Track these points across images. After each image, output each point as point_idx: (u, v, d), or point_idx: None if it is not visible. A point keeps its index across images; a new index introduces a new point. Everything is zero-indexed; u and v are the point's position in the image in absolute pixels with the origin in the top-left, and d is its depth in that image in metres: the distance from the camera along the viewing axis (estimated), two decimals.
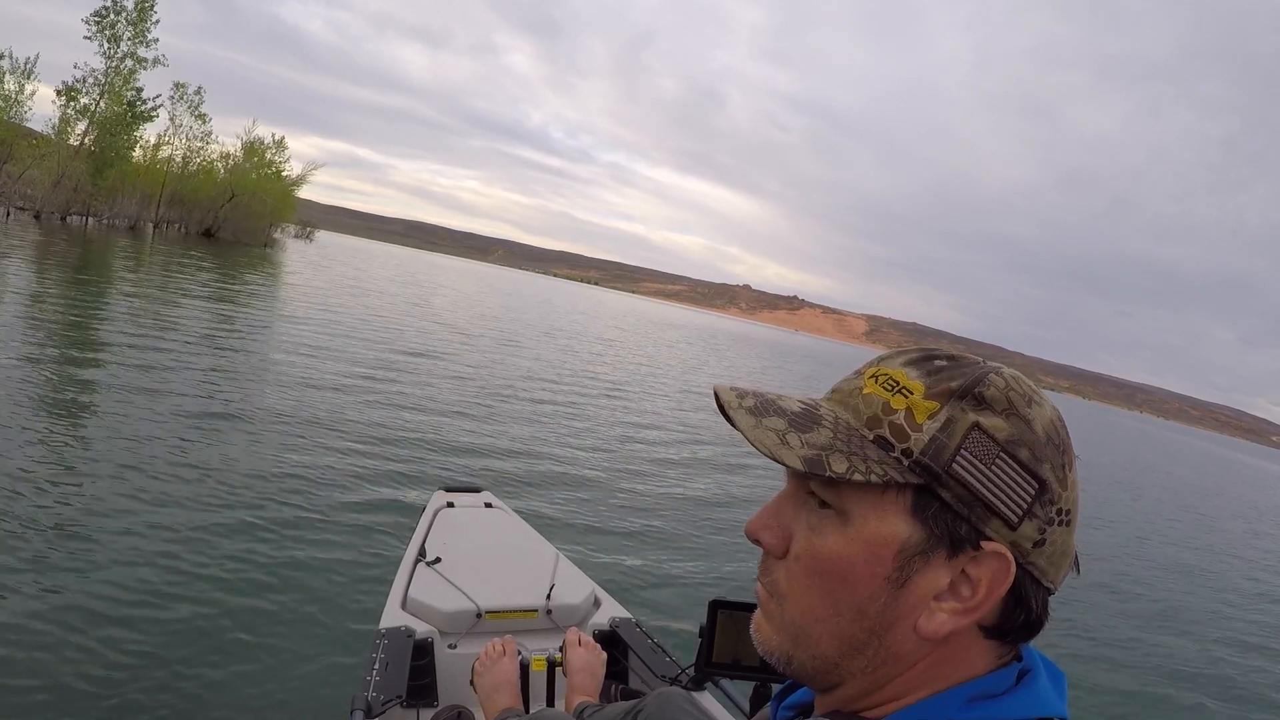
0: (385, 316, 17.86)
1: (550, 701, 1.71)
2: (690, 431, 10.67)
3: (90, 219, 36.19)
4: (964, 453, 0.47)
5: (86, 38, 32.26)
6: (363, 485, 5.24)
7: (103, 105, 33.34)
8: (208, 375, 7.71)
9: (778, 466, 0.49)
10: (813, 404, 0.53)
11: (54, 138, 32.62)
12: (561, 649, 1.66)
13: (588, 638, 1.69)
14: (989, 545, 0.47)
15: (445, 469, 6.11)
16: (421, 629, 1.98)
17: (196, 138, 42.97)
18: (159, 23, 33.65)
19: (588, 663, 1.59)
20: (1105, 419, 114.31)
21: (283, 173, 50.50)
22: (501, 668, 1.53)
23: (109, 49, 32.81)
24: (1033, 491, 0.47)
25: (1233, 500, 21.05)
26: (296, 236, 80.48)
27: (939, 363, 0.51)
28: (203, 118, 42.56)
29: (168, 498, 4.32)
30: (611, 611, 2.23)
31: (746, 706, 1.46)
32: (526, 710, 1.54)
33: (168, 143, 41.65)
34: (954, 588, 0.48)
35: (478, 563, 2.31)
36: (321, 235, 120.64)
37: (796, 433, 0.50)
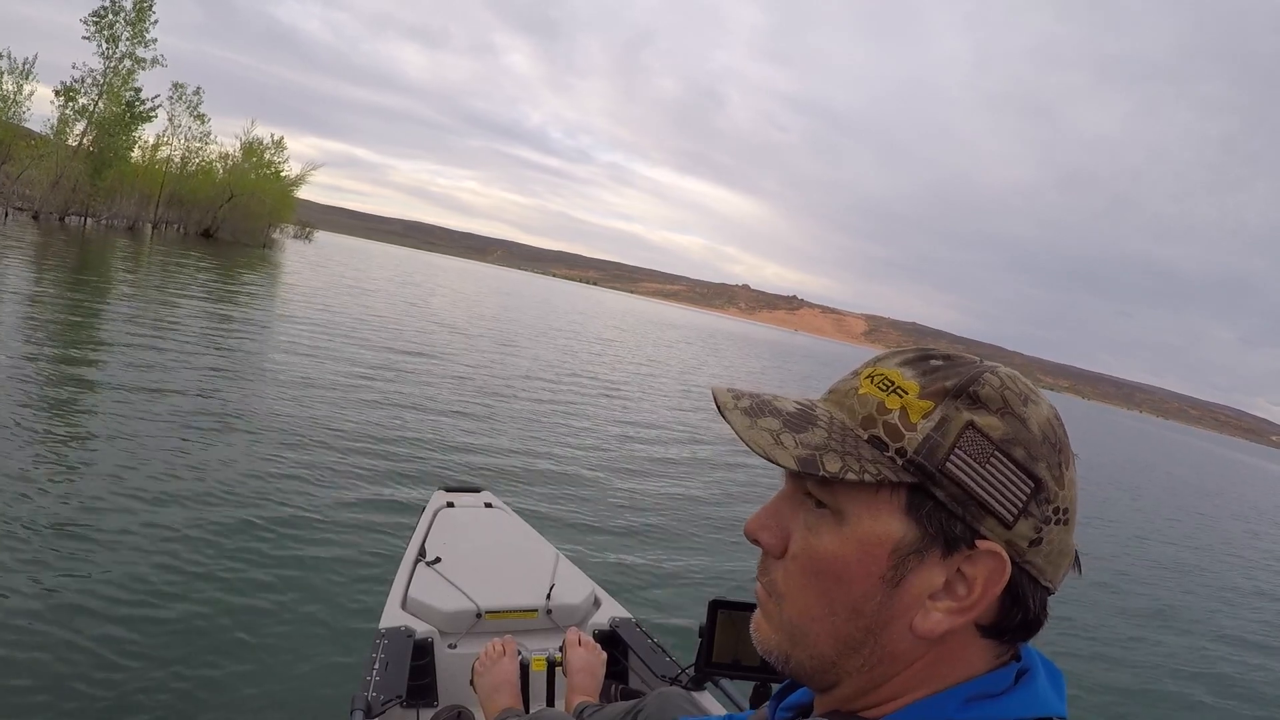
0: (384, 316, 17.85)
1: (550, 701, 1.71)
2: (689, 431, 10.67)
3: (89, 219, 36.17)
4: (958, 451, 0.47)
5: (85, 38, 32.33)
6: (363, 485, 5.24)
7: (101, 105, 33.35)
8: (207, 375, 7.70)
9: (777, 467, 0.50)
10: (809, 405, 0.53)
11: (52, 138, 32.61)
12: (561, 649, 1.66)
13: (588, 638, 1.69)
14: (984, 544, 0.47)
15: (445, 469, 6.10)
16: (421, 629, 1.98)
17: (195, 138, 43.10)
18: (157, 23, 33.75)
19: (588, 663, 1.59)
20: (1105, 419, 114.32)
21: (281, 173, 50.56)
22: (501, 668, 1.53)
23: (107, 49, 32.87)
24: (1028, 490, 0.47)
25: (1232, 500, 21.05)
26: (295, 237, 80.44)
27: (935, 362, 0.51)
28: (201, 118, 42.65)
29: (167, 497, 4.32)
30: (611, 611, 2.22)
31: (747, 706, 1.46)
32: (526, 710, 1.54)
33: (166, 143, 41.77)
34: (949, 587, 0.48)
35: (477, 563, 2.31)
36: (320, 235, 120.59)
37: (791, 433, 0.50)
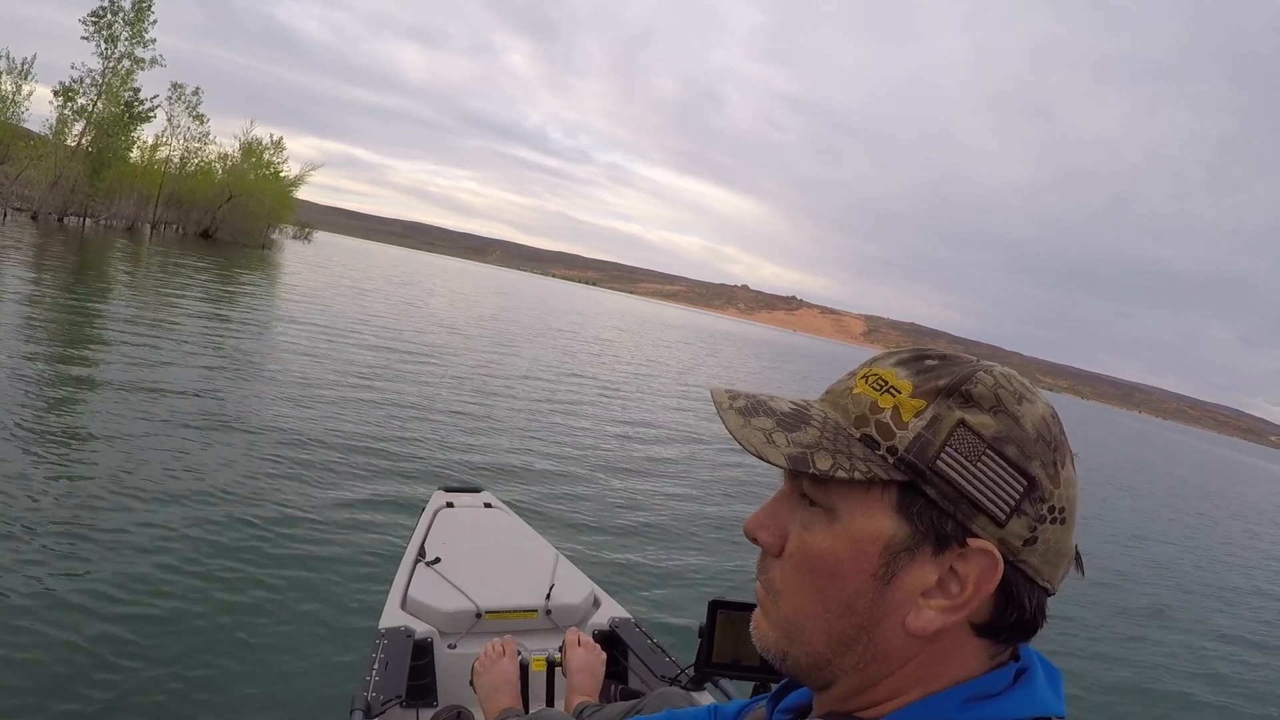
0: (383, 317, 17.85)
1: (550, 701, 1.71)
2: (688, 431, 10.68)
3: (87, 220, 36.14)
4: (949, 449, 0.47)
5: (84, 38, 32.27)
6: (362, 485, 5.24)
7: (100, 106, 33.29)
8: (206, 376, 7.70)
9: (770, 465, 0.50)
10: (804, 405, 0.54)
11: (51, 138, 32.57)
12: (561, 649, 1.66)
13: (587, 638, 1.69)
14: (975, 542, 0.47)
15: (445, 469, 6.11)
16: (421, 629, 1.98)
17: (194, 138, 43.03)
18: (156, 23, 33.69)
19: (587, 663, 1.59)
20: (1104, 419, 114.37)
21: (280, 173, 50.51)
22: (501, 668, 1.53)
23: (106, 49, 32.81)
24: (1020, 488, 0.47)
25: (1231, 500, 21.07)
26: (294, 237, 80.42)
27: (929, 362, 0.51)
28: (200, 118, 42.59)
29: (166, 497, 4.32)
30: (611, 611, 2.23)
31: None
32: (526, 710, 1.54)
33: (165, 143, 41.68)
34: (942, 585, 0.48)
35: (477, 563, 2.31)
36: (319, 236, 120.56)
37: (783, 432, 0.51)
